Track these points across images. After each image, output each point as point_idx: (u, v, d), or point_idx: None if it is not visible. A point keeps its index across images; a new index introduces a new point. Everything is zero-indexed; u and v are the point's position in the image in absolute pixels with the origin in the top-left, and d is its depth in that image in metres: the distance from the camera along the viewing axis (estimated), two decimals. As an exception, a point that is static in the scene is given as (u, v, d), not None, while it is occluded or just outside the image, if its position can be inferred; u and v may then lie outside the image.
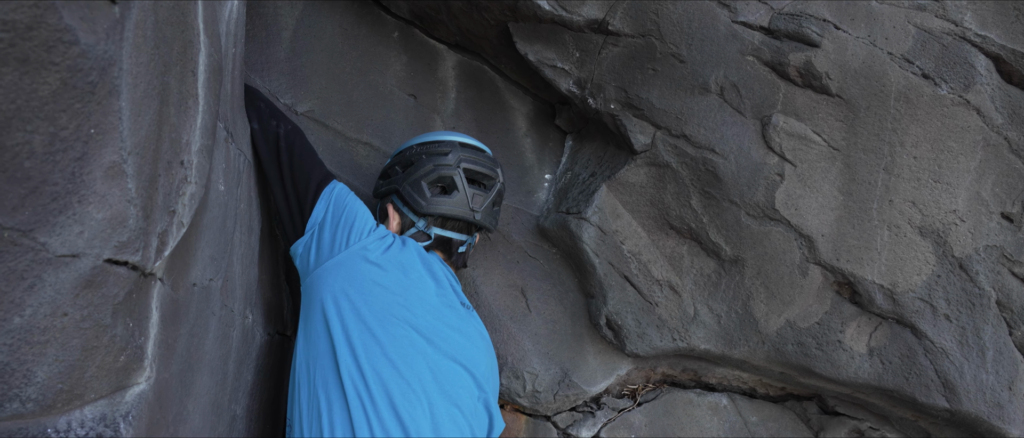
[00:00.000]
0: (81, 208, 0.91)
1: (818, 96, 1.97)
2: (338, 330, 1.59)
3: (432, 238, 1.85)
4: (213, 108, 1.32)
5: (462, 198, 1.85)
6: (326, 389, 1.57)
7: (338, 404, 1.55)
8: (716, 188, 1.99)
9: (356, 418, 1.53)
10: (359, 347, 1.57)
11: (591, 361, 2.18)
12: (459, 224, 1.89)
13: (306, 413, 1.59)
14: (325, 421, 1.55)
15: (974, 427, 2.09)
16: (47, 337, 0.91)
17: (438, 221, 1.86)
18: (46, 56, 0.85)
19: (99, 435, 0.99)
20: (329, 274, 1.65)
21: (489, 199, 1.89)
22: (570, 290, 2.19)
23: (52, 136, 0.88)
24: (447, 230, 1.87)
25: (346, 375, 1.55)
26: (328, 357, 1.58)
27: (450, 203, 1.85)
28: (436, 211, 1.83)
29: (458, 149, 1.87)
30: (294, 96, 2.08)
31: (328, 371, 1.58)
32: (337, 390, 1.56)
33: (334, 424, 1.54)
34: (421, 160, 1.86)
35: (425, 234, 1.85)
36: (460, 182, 1.85)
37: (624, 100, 2.00)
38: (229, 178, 1.51)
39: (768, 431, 2.31)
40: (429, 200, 1.83)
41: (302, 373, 1.63)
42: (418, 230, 1.85)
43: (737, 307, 2.08)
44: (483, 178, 1.90)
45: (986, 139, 2.03)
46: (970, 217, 2.05)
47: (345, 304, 1.61)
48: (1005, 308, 2.09)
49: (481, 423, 1.71)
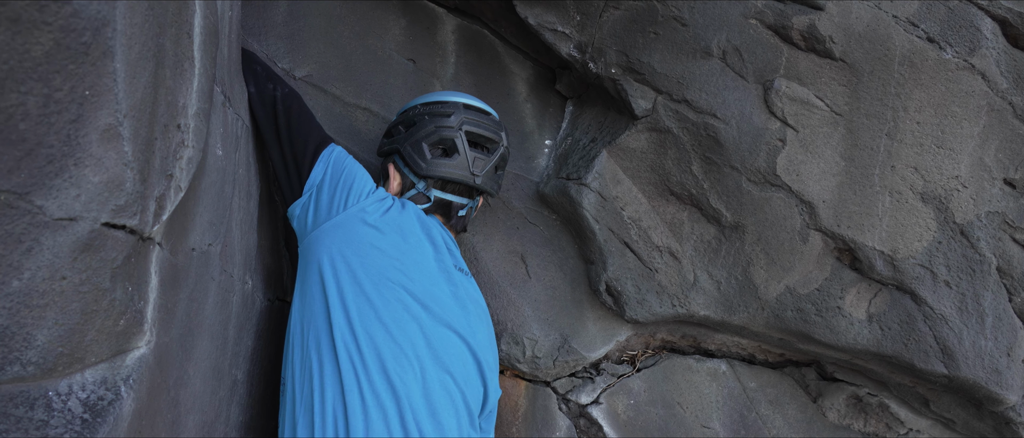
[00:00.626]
0: (77, 171, 0.91)
1: (821, 60, 1.95)
2: (333, 291, 1.59)
3: (431, 200, 1.83)
4: (209, 71, 1.31)
5: (463, 161, 1.82)
6: (319, 350, 1.57)
7: (330, 365, 1.55)
8: (717, 153, 1.98)
9: (347, 380, 1.53)
10: (353, 309, 1.57)
11: (591, 327, 2.19)
12: (459, 188, 1.86)
13: (299, 373, 1.59)
14: (316, 382, 1.55)
15: (972, 393, 2.11)
16: (46, 301, 0.91)
17: (438, 183, 1.83)
18: (38, 16, 0.83)
19: (100, 398, 0.99)
20: (326, 236, 1.64)
21: (491, 163, 1.86)
22: (570, 256, 2.19)
23: (46, 98, 0.87)
24: (447, 193, 1.84)
25: (339, 337, 1.56)
26: (322, 318, 1.59)
27: (450, 166, 1.82)
28: (436, 173, 1.81)
29: (461, 110, 1.84)
30: (292, 60, 2.06)
31: (321, 332, 1.58)
32: (329, 351, 1.56)
33: (325, 385, 1.54)
34: (423, 120, 1.82)
35: (424, 196, 1.83)
36: (461, 145, 1.82)
37: (625, 64, 1.98)
38: (227, 143, 1.50)
39: (767, 397, 2.33)
40: (429, 162, 1.80)
41: (296, 333, 1.63)
42: (418, 192, 1.82)
43: (737, 273, 2.08)
44: (486, 141, 1.86)
45: (990, 104, 2.02)
46: (972, 183, 2.04)
47: (341, 266, 1.60)
48: (1005, 274, 2.09)
49: (475, 392, 1.70)
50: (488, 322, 1.84)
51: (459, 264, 1.80)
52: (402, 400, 1.54)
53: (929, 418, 2.37)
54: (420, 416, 1.56)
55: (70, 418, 0.95)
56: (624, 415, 2.19)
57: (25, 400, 0.91)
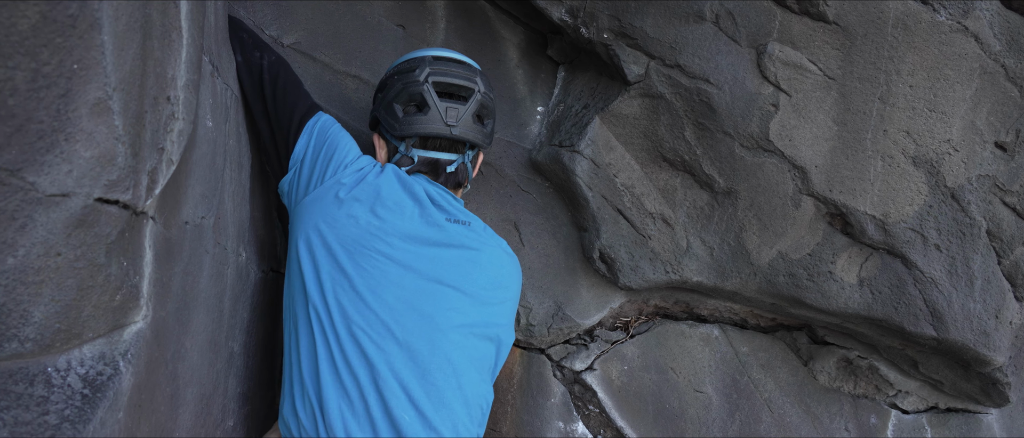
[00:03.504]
0: (68, 146, 0.89)
1: (815, 23, 1.94)
2: (308, 266, 1.59)
3: (415, 161, 1.78)
4: (197, 41, 1.29)
5: (435, 114, 1.75)
6: (296, 324, 1.60)
7: (305, 339, 1.57)
8: (710, 119, 1.97)
9: (320, 353, 1.54)
10: (326, 282, 1.57)
11: (584, 294, 2.20)
12: (440, 142, 1.79)
13: (286, 347, 1.63)
14: (295, 356, 1.58)
15: (960, 354, 2.14)
16: (42, 277, 0.90)
17: (418, 142, 1.78)
18: (23, -13, 0.81)
19: (99, 373, 0.99)
20: (305, 211, 1.64)
21: (467, 111, 1.78)
22: (563, 224, 2.19)
23: (34, 72, 0.85)
24: (429, 150, 1.79)
25: (312, 310, 1.57)
26: (300, 293, 1.60)
27: (424, 121, 1.75)
28: (409, 131, 1.75)
29: (428, 63, 1.77)
30: (280, 27, 2.03)
31: (298, 307, 1.60)
32: (305, 325, 1.58)
33: (302, 359, 1.57)
34: (392, 81, 1.78)
35: (408, 157, 1.78)
36: (430, 97, 1.75)
37: (617, 29, 1.96)
38: (216, 114, 1.48)
39: (758, 361, 2.35)
40: (401, 121, 1.75)
41: (285, 308, 1.66)
42: (401, 155, 1.78)
43: (730, 239, 2.09)
44: (457, 89, 1.78)
45: (983, 67, 2.01)
46: (964, 146, 2.05)
47: (316, 240, 1.60)
48: (995, 237, 2.11)
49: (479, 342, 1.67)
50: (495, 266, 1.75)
51: (454, 216, 1.73)
52: (378, 369, 1.53)
53: (917, 379, 2.40)
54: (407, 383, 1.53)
55: (70, 394, 0.95)
56: (618, 381, 2.22)
57: (24, 377, 0.91)
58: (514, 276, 1.80)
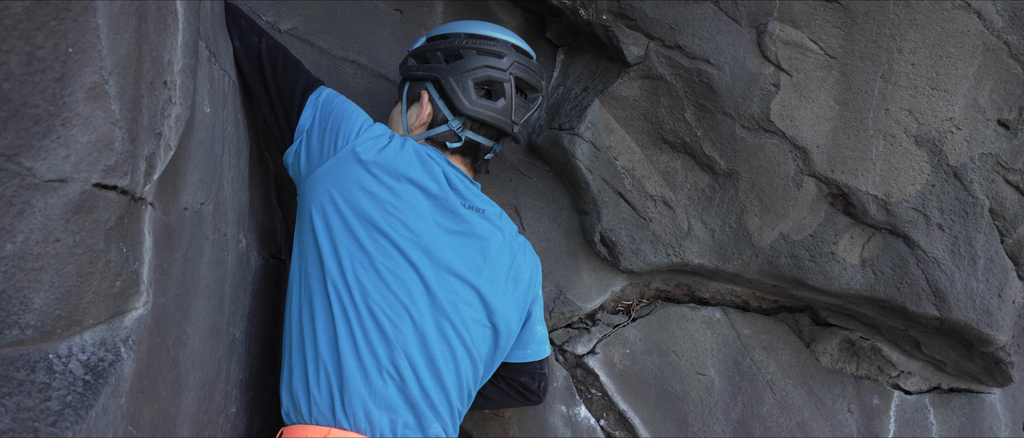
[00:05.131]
0: (65, 131, 0.89)
1: (815, 2, 1.93)
2: (325, 240, 1.57)
3: (462, 140, 1.75)
4: (193, 25, 1.28)
5: (507, 107, 1.74)
6: (312, 299, 1.58)
7: (322, 313, 1.56)
8: (710, 100, 1.96)
9: (339, 327, 1.54)
10: (345, 257, 1.56)
11: (586, 278, 2.19)
12: (492, 131, 1.78)
13: (296, 321, 1.60)
14: (308, 330, 1.57)
15: (963, 334, 2.14)
16: (41, 264, 0.90)
17: (473, 125, 1.76)
18: (16, -31, 0.81)
19: (101, 359, 0.99)
20: (318, 182, 1.61)
21: (531, 112, 1.81)
22: (564, 207, 2.19)
23: (29, 56, 0.85)
24: (479, 135, 1.77)
25: (330, 285, 1.55)
26: (315, 266, 1.58)
27: (493, 109, 1.73)
28: (479, 115, 1.72)
29: (512, 52, 1.75)
30: (276, 13, 2.02)
31: (314, 280, 1.58)
32: (322, 299, 1.56)
33: (318, 334, 1.55)
34: (471, 55, 1.73)
35: (455, 135, 1.75)
36: (509, 90, 1.73)
37: (616, 10, 1.94)
38: (214, 99, 1.47)
39: (761, 343, 2.35)
40: (474, 101, 1.72)
41: (295, 281, 1.63)
42: (449, 129, 1.75)
43: (731, 221, 2.09)
44: (529, 89, 1.79)
45: (986, 43, 2.00)
46: (966, 125, 2.04)
47: (332, 214, 1.58)
48: (998, 216, 2.11)
49: (482, 337, 1.68)
50: (507, 257, 1.75)
51: (471, 201, 1.71)
52: (395, 347, 1.54)
53: (920, 360, 2.41)
54: (416, 363, 1.56)
55: (72, 380, 0.95)
56: (620, 364, 2.22)
57: (26, 363, 0.91)
58: (524, 267, 1.79)
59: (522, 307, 1.80)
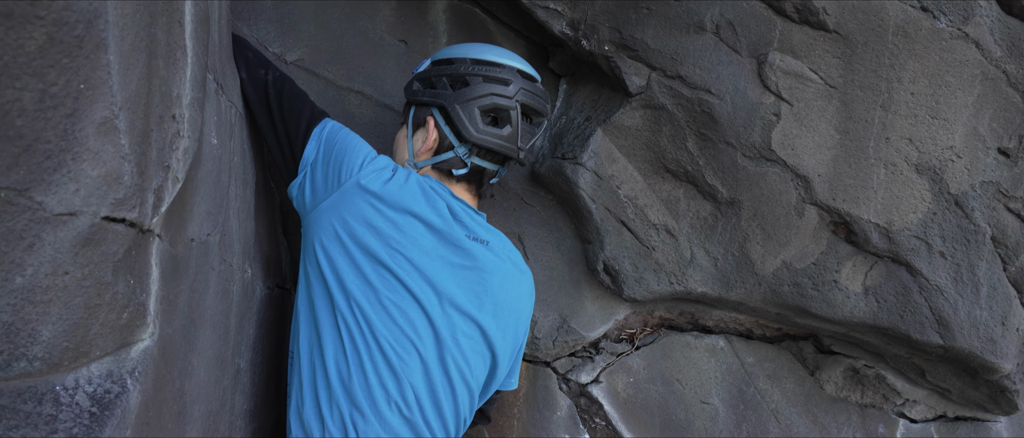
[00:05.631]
0: (75, 165, 0.90)
1: (815, 32, 1.95)
2: (331, 274, 1.59)
3: (468, 167, 1.76)
4: (202, 59, 1.30)
5: (513, 134, 1.75)
6: (318, 329, 1.60)
7: (332, 345, 1.58)
8: (712, 130, 1.98)
9: (351, 360, 1.56)
10: (352, 291, 1.57)
11: (589, 306, 2.20)
12: (497, 156, 1.79)
13: (305, 351, 1.62)
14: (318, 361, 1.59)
15: (967, 362, 2.13)
16: (50, 296, 0.91)
17: (479, 151, 1.76)
18: (31, 10, 0.82)
19: (107, 391, 0.99)
20: (323, 216, 1.63)
21: (536, 137, 1.82)
22: (567, 236, 2.19)
23: (42, 93, 0.86)
24: (485, 160, 1.77)
25: (340, 318, 1.57)
26: (324, 299, 1.60)
27: (499, 136, 1.74)
28: (485, 142, 1.73)
29: (518, 78, 1.75)
30: (283, 45, 2.04)
31: (322, 312, 1.60)
32: (331, 330, 1.58)
33: (327, 365, 1.57)
34: (477, 83, 1.73)
35: (462, 161, 1.75)
36: (516, 117, 1.74)
37: (618, 41, 1.97)
38: (221, 131, 1.49)
39: (765, 371, 2.35)
40: (481, 130, 1.72)
41: (303, 310, 1.65)
42: (456, 156, 1.75)
43: (733, 249, 2.09)
44: (535, 114, 1.80)
45: (984, 73, 2.02)
46: (967, 153, 2.05)
47: (338, 248, 1.59)
48: (1000, 244, 2.11)
49: (481, 372, 1.70)
50: (511, 290, 1.74)
51: (475, 233, 1.71)
52: (402, 380, 1.57)
53: (925, 388, 2.39)
54: (421, 395, 1.59)
55: (78, 412, 0.95)
56: (624, 393, 2.21)
57: (33, 395, 0.91)
58: (524, 299, 1.81)
59: (519, 340, 1.83)
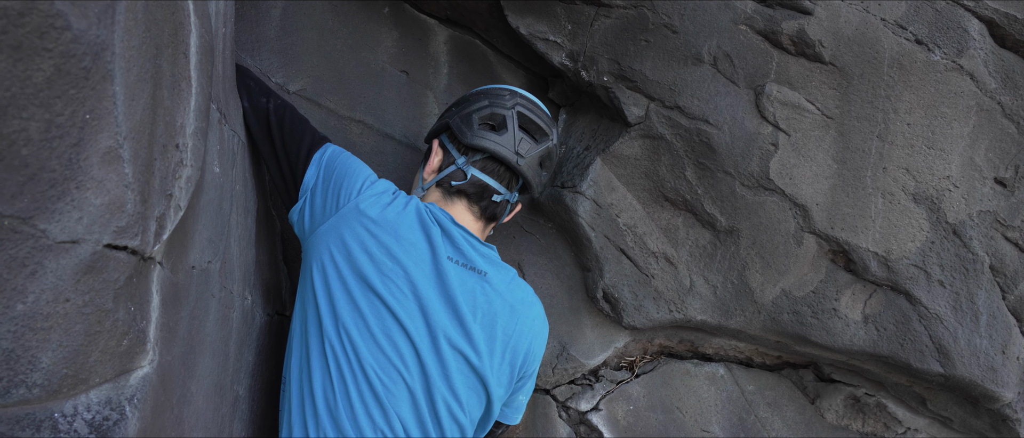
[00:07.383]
0: (79, 194, 0.91)
1: (811, 64, 1.97)
2: (323, 299, 1.59)
3: (467, 177, 1.75)
4: (206, 90, 1.32)
5: (509, 139, 1.76)
6: (309, 355, 1.60)
7: (319, 372, 1.58)
8: (710, 159, 1.99)
9: (337, 387, 1.56)
10: (342, 316, 1.57)
11: (589, 334, 2.20)
12: (499, 170, 1.78)
13: (296, 376, 1.62)
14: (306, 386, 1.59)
15: (968, 391, 2.12)
16: (50, 323, 0.91)
17: (479, 162, 1.77)
18: (39, 42, 0.84)
19: (106, 418, 1.00)
20: (321, 240, 1.63)
21: (537, 151, 1.80)
22: (566, 264, 2.20)
23: (48, 123, 0.88)
24: (486, 175, 1.77)
25: (327, 344, 1.57)
26: (314, 324, 1.60)
27: (497, 140, 1.75)
28: (480, 144, 1.74)
29: (519, 96, 1.81)
30: (285, 75, 2.07)
31: (313, 338, 1.60)
32: (320, 358, 1.58)
33: (314, 390, 1.57)
34: (478, 98, 1.80)
35: (462, 172, 1.76)
36: (511, 122, 1.77)
37: (617, 72, 1.99)
38: (224, 160, 1.50)
39: (765, 399, 2.34)
40: (476, 132, 1.75)
41: (296, 334, 1.65)
42: (456, 167, 1.76)
43: (733, 277, 2.10)
44: (535, 129, 1.81)
45: (979, 104, 2.04)
46: (963, 183, 2.06)
47: (332, 272, 1.60)
48: (998, 273, 2.11)
49: (472, 404, 1.67)
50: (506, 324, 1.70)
51: (472, 262, 1.69)
52: (388, 410, 1.56)
53: (926, 417, 2.38)
54: (408, 425, 1.58)
55: (76, 440, 0.95)
56: (624, 421, 2.20)
57: (31, 422, 0.91)
58: (524, 334, 1.74)
59: (513, 376, 1.75)
